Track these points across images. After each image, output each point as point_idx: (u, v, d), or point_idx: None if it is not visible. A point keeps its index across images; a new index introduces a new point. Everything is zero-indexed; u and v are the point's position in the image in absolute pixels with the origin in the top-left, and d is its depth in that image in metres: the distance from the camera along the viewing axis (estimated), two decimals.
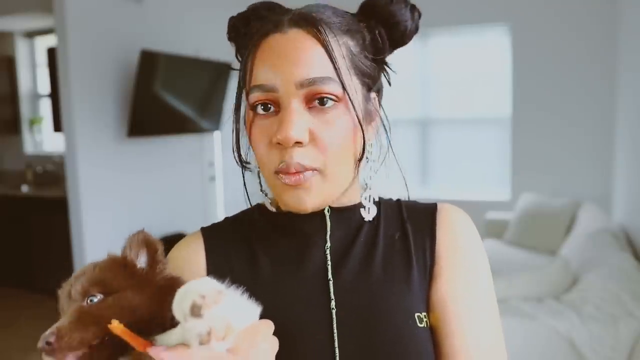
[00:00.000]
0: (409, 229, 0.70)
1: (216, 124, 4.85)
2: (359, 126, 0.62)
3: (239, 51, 0.72)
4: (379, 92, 0.71)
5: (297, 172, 0.60)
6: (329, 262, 0.67)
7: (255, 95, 0.61)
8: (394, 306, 0.64)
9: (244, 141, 0.68)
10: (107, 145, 3.92)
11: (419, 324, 0.64)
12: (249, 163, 0.69)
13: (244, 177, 0.70)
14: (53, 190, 4.42)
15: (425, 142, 5.10)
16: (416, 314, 0.64)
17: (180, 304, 0.46)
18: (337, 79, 0.59)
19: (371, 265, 0.67)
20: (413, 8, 0.67)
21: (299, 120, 0.58)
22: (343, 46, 0.61)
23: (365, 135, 0.63)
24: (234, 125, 0.67)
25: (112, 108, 3.96)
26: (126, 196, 4.04)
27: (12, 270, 4.58)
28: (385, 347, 0.62)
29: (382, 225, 0.71)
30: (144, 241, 0.57)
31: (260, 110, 0.61)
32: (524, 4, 4.63)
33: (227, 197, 5.28)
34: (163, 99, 4.17)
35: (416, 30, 0.68)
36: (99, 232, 3.82)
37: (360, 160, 0.64)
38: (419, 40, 4.81)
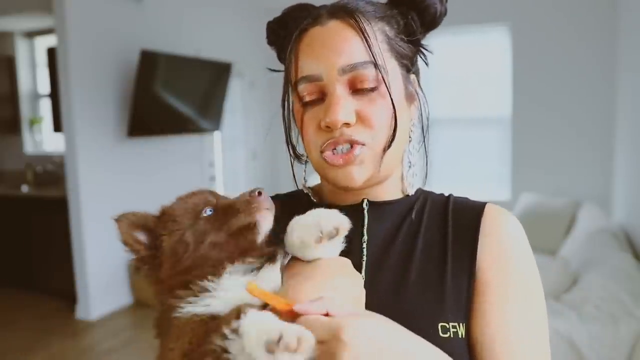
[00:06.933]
0: (450, 232, 0.68)
1: (216, 124, 4.85)
2: (402, 106, 0.66)
3: (279, 55, 0.75)
4: (417, 74, 0.73)
5: (346, 154, 0.63)
6: (364, 258, 0.67)
7: (303, 87, 0.65)
8: (416, 312, 0.63)
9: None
10: (107, 145, 3.92)
11: (441, 334, 0.62)
12: (303, 155, 0.73)
13: (292, 166, 0.75)
14: (53, 190, 4.42)
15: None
16: (440, 324, 0.62)
17: (317, 227, 0.55)
18: (374, 63, 0.62)
19: (408, 268, 0.66)
20: None
21: (344, 104, 0.62)
22: (379, 32, 0.65)
23: (397, 115, 0.65)
24: (284, 121, 0.71)
25: (112, 108, 3.96)
26: (126, 196, 4.04)
27: (12, 270, 4.58)
28: None
29: (423, 225, 0.70)
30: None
31: (307, 100, 0.66)
32: (524, 4, 4.63)
33: None
34: (163, 99, 4.17)
35: (445, 12, 0.70)
36: (99, 232, 3.82)
37: (392, 139, 0.64)
38: None
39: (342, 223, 0.56)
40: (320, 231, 0.55)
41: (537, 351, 0.63)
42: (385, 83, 0.62)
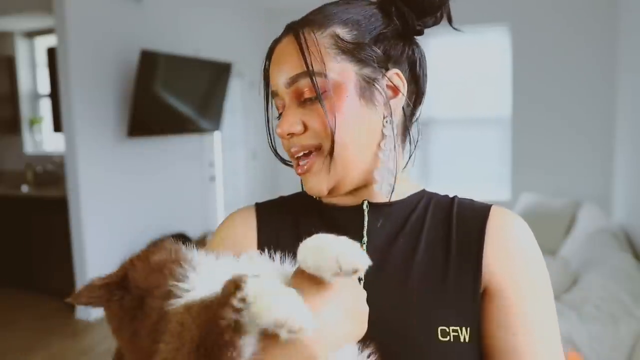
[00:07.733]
0: (454, 234, 0.67)
1: (216, 124, 4.85)
2: (355, 107, 0.64)
3: None
4: (416, 66, 0.73)
5: (304, 157, 0.66)
6: None
7: (274, 100, 0.71)
8: (415, 315, 0.63)
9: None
10: (107, 145, 3.92)
11: (440, 337, 0.61)
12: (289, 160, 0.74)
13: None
14: (53, 190, 4.42)
15: (426, 142, 5.10)
16: (440, 327, 0.61)
17: (336, 263, 0.51)
18: (312, 72, 0.63)
19: (408, 270, 0.65)
20: None
21: (289, 116, 0.66)
22: (327, 38, 0.65)
23: (348, 117, 0.64)
24: (267, 129, 0.74)
25: (112, 108, 3.96)
26: (126, 196, 4.04)
27: (12, 270, 4.58)
28: (401, 355, 0.61)
29: (426, 226, 0.69)
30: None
31: (280, 112, 0.70)
32: (524, 4, 4.63)
33: (227, 197, 5.28)
34: (163, 99, 4.17)
35: None
36: (99, 232, 3.82)
37: (332, 143, 0.63)
38: (418, 40, 4.82)
39: (361, 264, 0.50)
40: (339, 267, 0.52)
41: (550, 353, 0.63)
42: (316, 91, 0.63)
